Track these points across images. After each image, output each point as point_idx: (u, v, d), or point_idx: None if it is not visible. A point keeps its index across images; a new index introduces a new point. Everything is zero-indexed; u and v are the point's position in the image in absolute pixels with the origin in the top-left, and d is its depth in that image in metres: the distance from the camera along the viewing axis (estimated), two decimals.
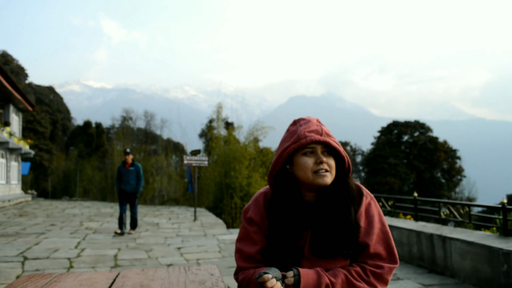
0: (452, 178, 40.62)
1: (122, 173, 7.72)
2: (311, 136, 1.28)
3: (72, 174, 31.02)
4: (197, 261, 5.42)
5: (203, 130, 40.11)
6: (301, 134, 1.30)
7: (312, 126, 1.32)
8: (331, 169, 1.29)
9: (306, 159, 1.29)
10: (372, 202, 1.39)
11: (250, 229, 1.39)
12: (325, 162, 1.28)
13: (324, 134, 1.30)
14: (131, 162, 7.80)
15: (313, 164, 1.28)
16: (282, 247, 1.31)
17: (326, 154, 1.31)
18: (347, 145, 54.37)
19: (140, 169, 7.76)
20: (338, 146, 1.31)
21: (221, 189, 13.75)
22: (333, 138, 1.33)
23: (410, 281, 4.23)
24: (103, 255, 5.70)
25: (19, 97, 19.43)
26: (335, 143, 1.30)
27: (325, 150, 1.31)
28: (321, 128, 1.32)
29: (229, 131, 15.41)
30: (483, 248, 3.87)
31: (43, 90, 45.22)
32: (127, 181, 7.67)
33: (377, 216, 1.36)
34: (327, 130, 1.34)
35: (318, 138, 1.28)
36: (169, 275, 1.60)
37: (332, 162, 1.30)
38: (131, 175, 7.69)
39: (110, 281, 1.52)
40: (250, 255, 1.36)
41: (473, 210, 5.72)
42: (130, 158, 7.80)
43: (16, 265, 4.98)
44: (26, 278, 1.55)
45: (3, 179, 19.52)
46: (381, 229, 1.35)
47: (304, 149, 1.30)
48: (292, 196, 1.34)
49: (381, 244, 1.33)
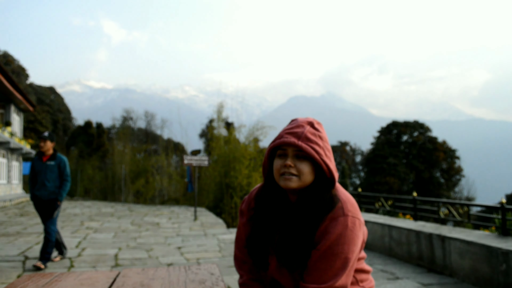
0: (451, 178, 40.58)
1: (37, 171, 4.98)
2: (285, 138, 1.24)
3: (72, 174, 30.96)
4: (197, 260, 5.44)
5: (203, 130, 40.12)
6: (280, 134, 1.28)
7: (295, 128, 1.26)
8: (300, 174, 1.22)
9: (277, 160, 1.26)
10: (342, 219, 1.21)
11: (240, 221, 1.44)
12: (293, 166, 1.22)
13: (302, 138, 1.23)
14: (52, 154, 5.04)
15: (281, 166, 1.24)
16: (255, 240, 1.33)
17: (300, 158, 1.23)
18: (346, 145, 54.32)
19: (65, 165, 5.04)
20: (312, 151, 1.21)
21: (221, 188, 13.76)
22: (314, 144, 1.23)
23: (409, 280, 4.24)
24: (103, 255, 5.71)
25: (20, 97, 19.44)
26: (310, 148, 1.22)
27: (300, 154, 1.23)
28: (303, 131, 1.25)
29: (229, 131, 15.42)
30: (482, 248, 3.89)
31: (44, 91, 45.21)
32: (42, 183, 4.91)
33: (335, 235, 1.19)
34: (314, 133, 1.25)
35: (288, 141, 1.22)
36: (169, 275, 1.61)
37: (304, 167, 1.22)
38: (49, 174, 4.93)
39: (110, 280, 1.53)
40: (242, 244, 1.43)
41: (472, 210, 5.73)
42: (49, 147, 5.00)
43: (17, 265, 4.99)
44: (27, 278, 1.56)
45: (4, 179, 19.54)
46: (329, 248, 1.19)
47: (278, 149, 1.27)
48: (274, 193, 1.32)
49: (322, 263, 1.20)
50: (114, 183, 25.00)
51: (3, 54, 39.50)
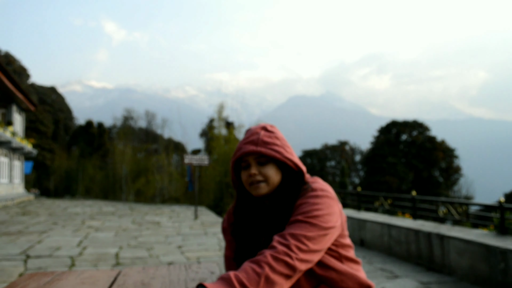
0: (450, 177, 40.54)
1: None
2: (244, 148, 1.25)
3: (74, 173, 31.04)
4: (198, 259, 5.46)
5: (203, 129, 40.10)
6: (238, 146, 1.29)
7: (250, 137, 1.28)
8: (266, 178, 1.24)
9: (243, 172, 1.28)
10: (310, 193, 1.20)
11: (226, 239, 1.45)
12: (257, 173, 1.24)
13: (259, 143, 1.24)
14: None
15: (247, 177, 1.26)
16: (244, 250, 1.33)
17: (263, 164, 1.25)
18: (346, 144, 54.29)
19: None
20: (273, 152, 1.23)
21: (222, 188, 13.79)
22: (272, 145, 1.24)
23: (408, 278, 4.26)
24: (104, 254, 5.74)
25: (22, 97, 19.48)
26: (270, 150, 1.23)
27: (261, 160, 1.25)
28: (258, 137, 1.26)
29: (230, 131, 15.44)
30: (481, 247, 3.91)
31: (45, 90, 45.22)
32: None
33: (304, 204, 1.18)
34: (270, 136, 1.27)
35: (247, 150, 1.24)
36: (170, 273, 1.62)
37: (268, 171, 1.24)
38: None
39: (111, 279, 1.54)
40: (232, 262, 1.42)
41: (471, 209, 5.74)
42: None
43: (18, 263, 5.02)
44: (28, 276, 1.57)
45: (6, 178, 19.58)
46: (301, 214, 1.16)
47: (241, 162, 1.29)
48: (249, 203, 1.34)
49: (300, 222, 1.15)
50: (115, 183, 25.04)
51: (4, 54, 39.52)
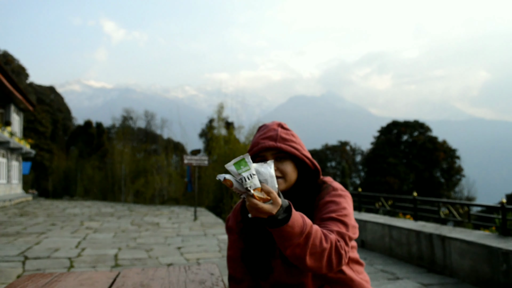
0: (451, 178, 40.62)
1: None
2: (263, 143, 1.25)
3: (72, 174, 31.04)
4: (197, 260, 5.44)
5: (203, 129, 40.13)
6: (255, 141, 1.28)
7: (268, 132, 1.27)
8: (284, 175, 1.24)
9: None
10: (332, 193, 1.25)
11: (231, 238, 1.43)
12: (276, 169, 1.23)
13: (278, 139, 1.25)
14: None
15: None
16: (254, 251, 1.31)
17: (281, 160, 1.25)
18: (346, 144, 54.37)
19: None
20: (292, 149, 1.24)
21: (221, 188, 13.77)
22: (291, 142, 1.26)
23: (409, 280, 4.24)
24: (103, 255, 5.71)
25: (20, 97, 19.45)
26: (289, 146, 1.24)
27: (280, 156, 1.25)
28: (277, 133, 1.26)
29: (230, 131, 15.43)
30: (482, 248, 3.89)
31: (44, 90, 45.23)
32: None
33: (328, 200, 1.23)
34: (287, 133, 1.28)
35: (267, 145, 1.23)
36: (169, 275, 1.61)
37: (287, 167, 1.25)
38: None
39: (110, 280, 1.53)
40: (237, 263, 1.39)
41: (472, 210, 5.73)
42: None
43: (17, 265, 4.99)
44: (26, 278, 1.56)
45: (4, 179, 19.54)
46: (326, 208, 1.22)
47: (257, 157, 1.27)
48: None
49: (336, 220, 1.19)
50: (114, 183, 25.02)
51: (3, 53, 39.51)
